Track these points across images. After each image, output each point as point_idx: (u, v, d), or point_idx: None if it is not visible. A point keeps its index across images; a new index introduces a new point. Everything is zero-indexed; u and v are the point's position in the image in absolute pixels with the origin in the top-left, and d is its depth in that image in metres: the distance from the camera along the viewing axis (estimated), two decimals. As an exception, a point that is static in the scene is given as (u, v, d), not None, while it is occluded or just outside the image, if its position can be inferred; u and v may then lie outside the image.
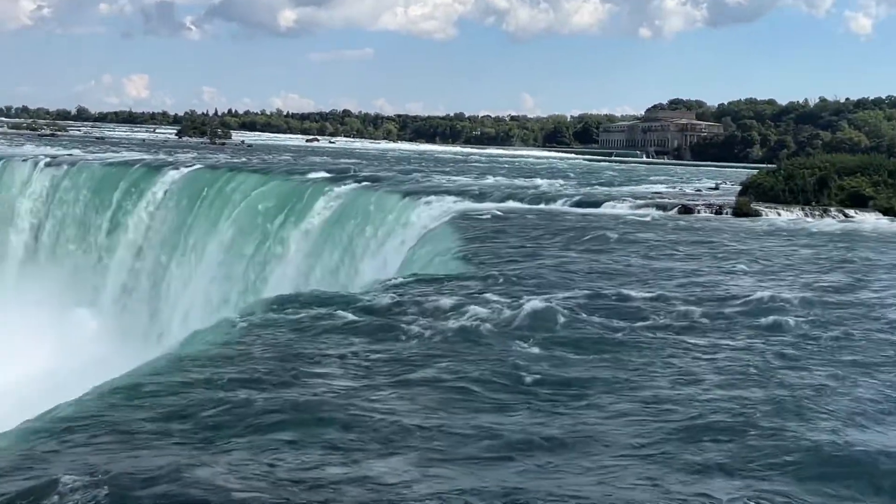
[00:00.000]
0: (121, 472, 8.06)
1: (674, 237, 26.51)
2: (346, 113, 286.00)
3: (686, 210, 33.68)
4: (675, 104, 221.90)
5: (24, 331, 35.44)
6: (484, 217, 29.43)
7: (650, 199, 37.45)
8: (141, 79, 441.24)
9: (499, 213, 30.93)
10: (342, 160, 69.70)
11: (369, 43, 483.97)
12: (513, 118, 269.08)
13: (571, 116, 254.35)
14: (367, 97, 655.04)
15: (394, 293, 16.50)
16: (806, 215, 33.40)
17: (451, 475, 8.48)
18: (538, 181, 49.08)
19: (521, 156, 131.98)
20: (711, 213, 33.54)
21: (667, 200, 36.67)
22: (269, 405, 10.02)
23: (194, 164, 50.05)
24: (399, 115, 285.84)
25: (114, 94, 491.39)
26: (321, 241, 34.72)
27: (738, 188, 40.39)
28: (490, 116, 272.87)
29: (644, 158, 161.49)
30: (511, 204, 34.67)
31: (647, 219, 31.05)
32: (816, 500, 8.29)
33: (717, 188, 48.30)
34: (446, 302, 15.43)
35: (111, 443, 8.95)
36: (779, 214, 33.39)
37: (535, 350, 12.86)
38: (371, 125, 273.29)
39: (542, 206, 34.71)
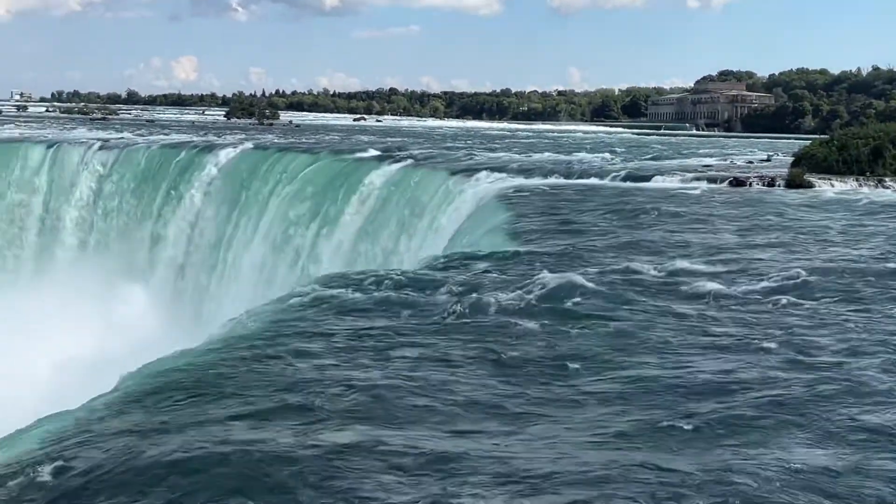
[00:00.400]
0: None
1: (722, 211, 26.07)
2: (393, 91, 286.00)
3: (738, 182, 33.12)
4: (725, 75, 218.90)
5: (68, 324, 35.60)
6: (529, 194, 29.14)
7: (701, 172, 36.87)
8: (189, 61, 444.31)
9: (545, 188, 30.63)
10: (388, 139, 69.68)
11: (414, 20, 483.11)
12: (560, 93, 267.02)
13: (619, 90, 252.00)
14: (413, 75, 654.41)
15: (421, 272, 16.55)
16: (860, 186, 32.69)
17: (398, 445, 8.49)
18: (586, 156, 48.59)
19: (569, 131, 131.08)
20: (763, 185, 32.94)
21: (718, 173, 36.07)
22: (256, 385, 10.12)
23: (238, 147, 50.15)
24: (445, 93, 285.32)
25: (163, 76, 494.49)
26: (353, 257, 34.51)
27: (791, 160, 39.65)
28: (537, 92, 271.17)
29: (694, 131, 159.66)
30: (558, 180, 34.32)
31: (697, 192, 30.58)
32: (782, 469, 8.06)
33: (769, 160, 47.43)
34: (469, 280, 15.42)
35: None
36: (832, 185, 32.72)
37: (535, 326, 12.76)
38: (417, 103, 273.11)
39: (589, 181, 34.28)
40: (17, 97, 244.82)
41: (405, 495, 7.56)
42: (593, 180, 34.41)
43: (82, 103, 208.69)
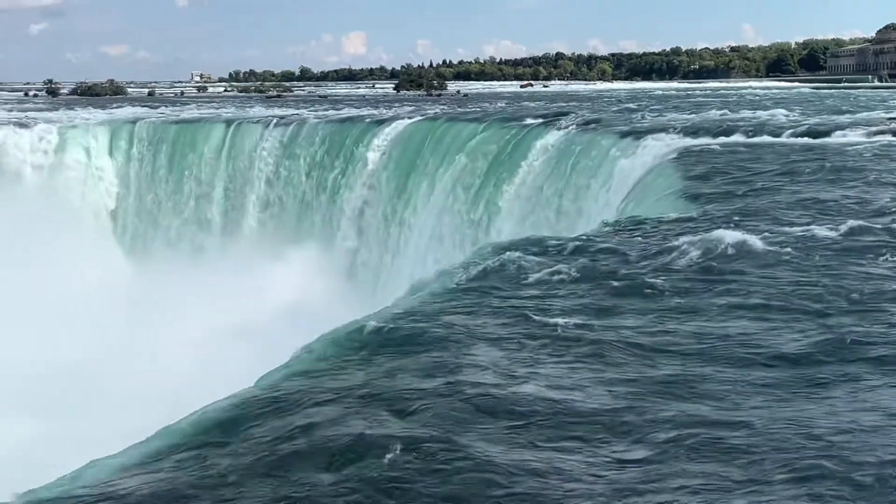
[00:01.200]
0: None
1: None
2: (559, 56, 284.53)
3: (925, 135, 31.47)
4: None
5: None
6: (701, 154, 28.47)
7: (885, 125, 35.15)
8: (358, 36, 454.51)
9: (718, 148, 29.85)
10: (555, 104, 69.33)
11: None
12: (733, 49, 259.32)
13: (796, 43, 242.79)
14: (579, 38, 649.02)
15: (594, 237, 16.46)
16: None
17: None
18: (761, 113, 47.03)
19: (743, 88, 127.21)
20: (954, 136, 31.19)
21: (903, 126, 34.32)
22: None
23: (408, 120, 50.84)
24: (613, 54, 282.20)
25: (333, 52, 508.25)
26: (524, 224, 34.19)
27: (984, 108, 37.35)
28: (708, 49, 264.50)
29: (876, 83, 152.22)
30: (731, 138, 33.37)
31: (881, 147, 29.22)
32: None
33: (959, 110, 44.85)
34: (641, 243, 15.28)
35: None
36: None
37: (711, 290, 12.49)
38: (585, 66, 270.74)
39: (764, 139, 33.18)
40: (197, 79, 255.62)
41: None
42: (769, 138, 33.29)
43: (258, 82, 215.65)
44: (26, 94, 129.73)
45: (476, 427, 8.20)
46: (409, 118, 50.82)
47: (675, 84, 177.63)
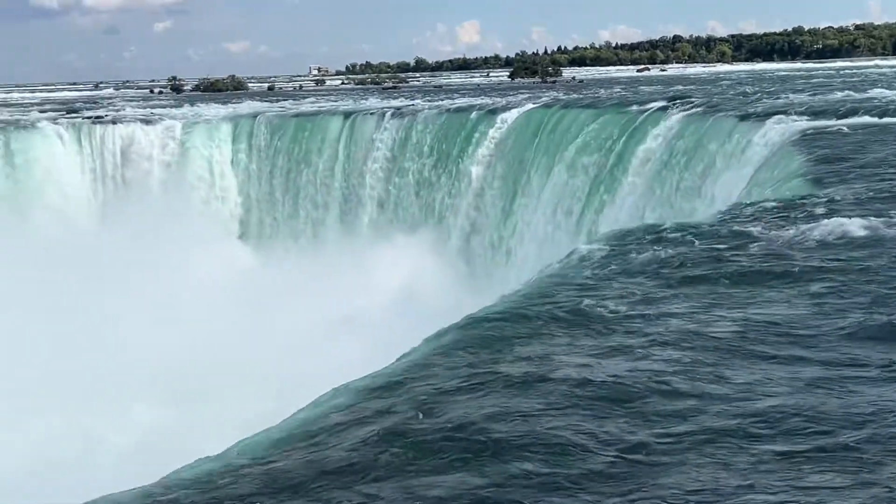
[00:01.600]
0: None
1: None
2: (677, 39, 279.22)
3: None
4: None
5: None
6: (825, 137, 27.70)
7: None
8: (472, 25, 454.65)
9: (843, 129, 29.01)
10: (672, 88, 68.25)
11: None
12: (857, 27, 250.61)
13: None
14: (696, 20, 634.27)
15: (717, 224, 16.22)
16: None
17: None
18: (886, 93, 45.46)
19: (869, 67, 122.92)
20: None
21: None
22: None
23: (523, 108, 50.71)
24: (732, 36, 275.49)
25: (448, 42, 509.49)
26: (641, 209, 33.80)
27: None
28: (832, 27, 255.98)
29: None
30: (856, 119, 32.37)
31: None
32: None
33: None
34: (765, 230, 15.00)
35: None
36: None
37: (835, 278, 12.12)
38: (703, 48, 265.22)
39: (891, 119, 32.12)
40: (315, 72, 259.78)
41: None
42: (891, 119, 32.21)
43: (374, 74, 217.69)
44: (151, 91, 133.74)
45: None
46: (518, 108, 50.59)
47: (797, 64, 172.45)
